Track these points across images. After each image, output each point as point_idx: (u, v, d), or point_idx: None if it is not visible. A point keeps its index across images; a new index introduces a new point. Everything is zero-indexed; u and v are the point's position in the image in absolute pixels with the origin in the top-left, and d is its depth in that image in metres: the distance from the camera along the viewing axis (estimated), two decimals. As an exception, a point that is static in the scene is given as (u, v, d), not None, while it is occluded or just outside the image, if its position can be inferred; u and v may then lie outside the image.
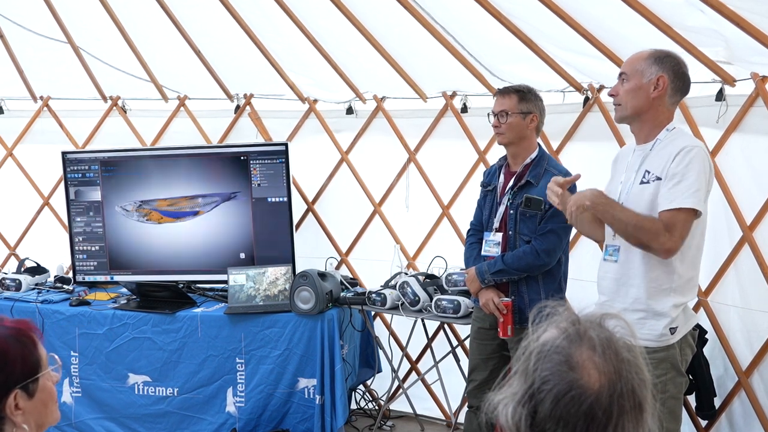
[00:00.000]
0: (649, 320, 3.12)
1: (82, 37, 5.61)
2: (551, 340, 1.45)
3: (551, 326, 1.49)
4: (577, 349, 1.42)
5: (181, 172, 5.45)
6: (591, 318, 1.48)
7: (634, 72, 3.16)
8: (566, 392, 1.39)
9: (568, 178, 3.40)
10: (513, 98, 4.01)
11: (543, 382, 1.41)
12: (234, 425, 4.93)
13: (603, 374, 1.40)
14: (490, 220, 4.12)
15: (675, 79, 3.13)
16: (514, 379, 1.47)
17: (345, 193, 5.70)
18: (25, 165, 6.12)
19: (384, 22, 4.92)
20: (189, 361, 4.99)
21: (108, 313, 5.11)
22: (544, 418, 1.40)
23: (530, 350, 1.46)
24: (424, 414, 5.49)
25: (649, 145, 3.18)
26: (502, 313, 3.96)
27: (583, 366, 1.41)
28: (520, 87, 4.08)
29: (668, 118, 3.18)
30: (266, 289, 5.06)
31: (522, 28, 4.51)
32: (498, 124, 4.03)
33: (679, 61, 3.17)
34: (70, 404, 5.13)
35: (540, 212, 3.85)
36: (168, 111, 5.98)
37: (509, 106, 3.99)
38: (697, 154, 3.03)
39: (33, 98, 6.08)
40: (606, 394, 1.39)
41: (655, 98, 3.12)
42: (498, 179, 4.13)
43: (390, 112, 5.50)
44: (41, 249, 5.92)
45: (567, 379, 1.40)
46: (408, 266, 5.46)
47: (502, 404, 1.45)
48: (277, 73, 5.52)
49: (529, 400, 1.41)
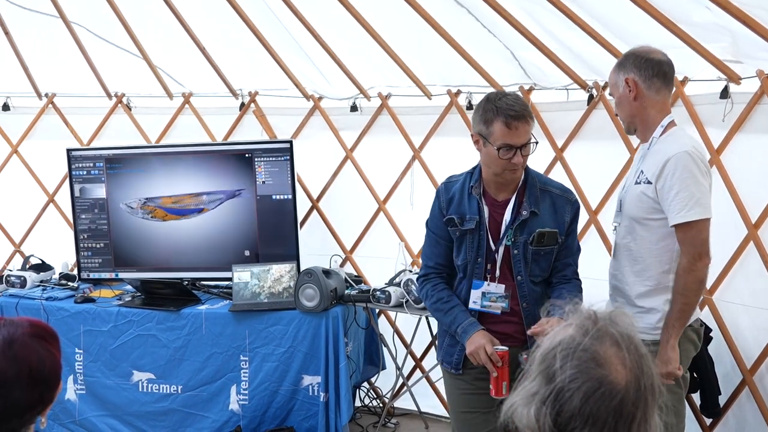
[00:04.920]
0: (643, 315, 3.17)
1: (86, 35, 5.61)
2: (572, 339, 1.45)
3: (565, 326, 1.49)
4: (602, 346, 1.43)
5: (185, 169, 5.45)
6: (603, 315, 1.49)
7: (612, 87, 3.26)
8: (596, 389, 1.40)
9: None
10: (531, 121, 3.16)
11: (571, 380, 1.41)
12: (238, 423, 4.93)
13: (629, 370, 1.42)
14: (476, 266, 3.27)
15: (641, 71, 3.14)
16: (528, 380, 1.47)
17: (350, 191, 5.70)
18: (30, 162, 6.12)
19: (388, 18, 4.91)
20: (193, 359, 4.99)
21: (113, 311, 5.12)
22: (571, 416, 1.40)
23: (548, 350, 1.46)
24: (428, 411, 5.48)
25: (647, 144, 3.22)
26: (496, 366, 3.12)
27: (610, 362, 1.42)
28: (524, 102, 3.21)
29: (660, 110, 3.19)
30: (271, 287, 5.05)
31: (527, 25, 4.50)
32: (522, 160, 3.15)
33: (638, 54, 3.20)
34: (74, 401, 5.14)
35: (557, 246, 3.26)
36: (173, 108, 5.98)
37: (529, 133, 3.16)
38: (680, 160, 3.03)
39: (38, 95, 6.09)
40: (633, 389, 1.41)
41: (635, 99, 3.16)
42: (479, 213, 3.25)
43: (395, 110, 5.49)
44: (46, 246, 5.93)
45: (596, 375, 1.41)
46: (412, 264, 5.44)
47: (522, 406, 1.45)
48: (282, 70, 5.51)
49: (554, 399, 1.41)
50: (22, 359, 1.77)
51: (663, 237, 3.13)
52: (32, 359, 1.78)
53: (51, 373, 1.82)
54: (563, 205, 3.29)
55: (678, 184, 3.01)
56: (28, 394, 1.77)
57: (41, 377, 1.78)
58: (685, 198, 3.01)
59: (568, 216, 3.29)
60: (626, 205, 3.24)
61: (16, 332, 1.80)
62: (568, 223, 3.29)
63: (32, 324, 1.86)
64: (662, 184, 3.05)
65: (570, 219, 3.30)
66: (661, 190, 3.06)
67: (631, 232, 3.22)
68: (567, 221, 3.28)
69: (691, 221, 3.02)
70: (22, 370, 1.76)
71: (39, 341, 1.82)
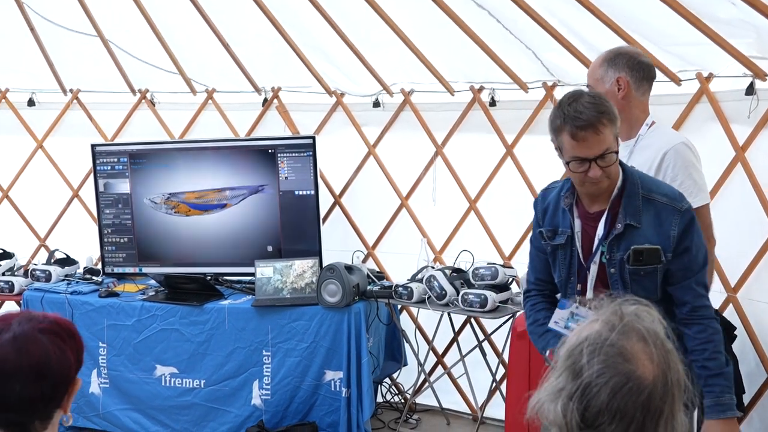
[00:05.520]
0: None
1: (111, 31, 5.65)
2: (598, 334, 1.45)
3: (591, 321, 1.49)
4: (628, 342, 1.43)
5: (208, 164, 5.48)
6: (629, 311, 1.49)
7: (596, 82, 3.28)
8: (624, 384, 1.40)
9: None
10: (609, 125, 2.70)
11: (598, 375, 1.41)
12: (260, 418, 4.95)
13: (656, 365, 1.42)
14: (569, 285, 2.97)
15: (633, 72, 3.23)
16: (554, 376, 1.47)
17: (372, 187, 5.70)
18: (55, 157, 6.17)
19: (411, 14, 4.91)
20: (216, 353, 5.02)
21: (136, 305, 5.15)
22: (598, 411, 1.40)
23: (575, 346, 1.46)
24: (450, 408, 5.48)
25: (632, 141, 3.27)
26: None
27: (637, 357, 1.42)
28: (602, 104, 2.71)
29: (643, 110, 3.29)
30: (293, 282, 5.07)
31: (549, 20, 4.48)
32: (602, 172, 2.72)
33: (631, 54, 3.30)
34: (98, 395, 5.18)
35: (661, 264, 2.79)
36: (196, 104, 6.00)
37: (609, 141, 2.70)
38: (679, 151, 3.15)
39: (63, 91, 6.13)
40: (660, 384, 1.41)
41: (623, 98, 3.21)
42: (570, 224, 2.91)
43: (417, 106, 5.48)
44: (71, 241, 5.96)
45: (623, 371, 1.41)
46: (435, 260, 5.45)
47: (548, 401, 1.45)
48: (305, 66, 5.52)
49: (581, 395, 1.41)
50: (24, 352, 1.75)
51: None
52: (35, 354, 1.76)
53: (57, 370, 1.79)
54: (669, 216, 2.77)
55: (681, 173, 3.12)
56: (27, 388, 1.75)
57: (43, 373, 1.76)
58: (689, 186, 3.10)
59: (675, 229, 2.77)
60: None
61: (27, 326, 1.80)
62: (677, 238, 2.77)
63: (50, 320, 1.84)
64: (663, 175, 3.13)
65: (679, 233, 2.76)
66: (665, 176, 3.13)
67: None
68: (674, 236, 2.76)
69: (698, 207, 3.07)
70: (23, 364, 1.74)
71: (50, 337, 1.80)
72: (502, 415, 4.87)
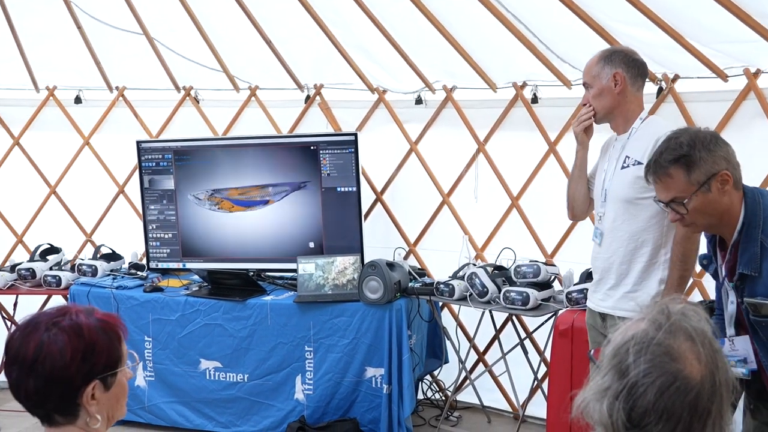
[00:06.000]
0: (638, 295, 3.38)
1: (156, 29, 5.72)
2: (645, 333, 1.44)
3: (637, 320, 1.48)
4: (675, 341, 1.42)
5: (251, 161, 5.52)
6: (676, 309, 1.47)
7: (593, 78, 3.48)
8: (671, 384, 1.38)
9: None
10: (677, 173, 2.57)
11: (644, 374, 1.40)
12: (302, 412, 4.98)
13: (704, 365, 1.41)
14: (718, 320, 2.82)
15: (629, 69, 3.43)
16: (599, 375, 1.46)
17: (414, 184, 5.70)
18: (101, 154, 6.24)
19: (454, 10, 4.90)
20: (259, 348, 5.06)
21: (180, 300, 5.21)
22: (644, 411, 1.39)
23: (621, 345, 1.45)
24: (490, 406, 5.48)
25: (626, 135, 3.46)
26: None
27: (684, 357, 1.41)
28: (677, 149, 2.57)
29: (639, 105, 3.49)
30: (335, 279, 5.09)
31: (594, 16, 4.45)
32: (679, 216, 2.64)
33: (626, 52, 3.50)
34: (143, 388, 5.26)
35: None
36: (239, 101, 6.05)
37: (679, 189, 2.58)
38: None
39: (109, 88, 6.21)
40: (708, 384, 1.40)
41: (619, 93, 3.43)
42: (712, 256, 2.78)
43: (459, 103, 5.47)
44: (116, 236, 6.05)
45: (670, 370, 1.39)
46: (476, 257, 5.44)
47: (594, 401, 1.44)
48: (347, 63, 5.54)
49: (627, 394, 1.40)
50: (23, 343, 1.79)
51: (655, 213, 3.31)
52: (30, 348, 1.78)
53: (52, 370, 1.77)
54: None
55: None
56: (24, 380, 1.79)
57: (40, 370, 1.77)
58: None
59: None
60: (614, 190, 3.44)
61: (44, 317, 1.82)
62: None
63: (104, 313, 1.89)
64: None
65: None
66: None
67: (622, 213, 3.42)
68: None
69: None
70: (19, 354, 1.79)
71: (101, 324, 1.85)
72: (543, 414, 4.85)
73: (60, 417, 1.83)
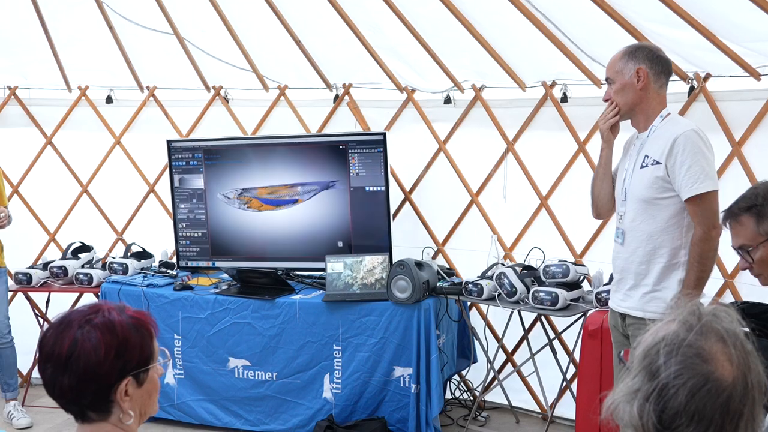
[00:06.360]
0: (657, 295, 3.36)
1: (187, 29, 5.76)
2: (675, 334, 1.43)
3: (668, 321, 1.47)
4: (707, 342, 1.40)
5: (280, 160, 5.55)
6: (707, 310, 1.46)
7: (616, 74, 3.45)
8: (702, 385, 1.37)
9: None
10: (747, 222, 2.57)
11: (675, 376, 1.38)
12: (330, 411, 5.00)
13: (736, 366, 1.39)
14: None
15: (653, 65, 3.40)
16: (629, 377, 1.45)
17: (442, 183, 5.70)
18: (132, 153, 6.29)
19: (483, 9, 4.88)
20: (287, 347, 5.08)
21: (210, 298, 5.25)
22: (675, 413, 1.37)
23: (651, 346, 1.44)
24: (519, 406, 5.46)
25: (646, 133, 3.44)
26: None
27: (716, 358, 1.39)
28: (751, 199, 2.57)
29: (660, 103, 3.44)
30: (363, 278, 5.10)
31: (625, 15, 4.42)
32: (747, 265, 2.62)
33: (650, 48, 3.47)
34: (173, 386, 5.29)
35: None
36: (269, 100, 6.08)
37: (747, 237, 2.58)
38: (689, 137, 3.26)
39: (140, 88, 6.26)
40: (740, 386, 1.38)
41: (641, 89, 3.40)
42: None
43: (488, 102, 5.46)
44: (147, 234, 6.11)
45: (702, 371, 1.38)
46: (505, 257, 5.42)
47: (624, 402, 1.43)
48: (376, 62, 5.55)
49: (657, 396, 1.39)
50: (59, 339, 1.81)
51: (674, 213, 3.33)
52: (64, 345, 1.80)
53: (86, 367, 1.79)
54: None
55: (689, 159, 3.24)
56: (59, 377, 1.81)
57: (75, 367, 1.79)
58: (696, 172, 3.23)
59: None
60: (633, 190, 3.43)
61: (77, 314, 1.84)
62: None
63: (136, 310, 1.90)
64: (673, 161, 3.26)
65: None
66: (672, 168, 3.27)
67: (641, 213, 3.40)
68: None
69: (704, 193, 3.23)
70: (54, 351, 1.80)
71: (133, 320, 1.86)
72: (572, 415, 4.83)
73: (93, 413, 1.85)
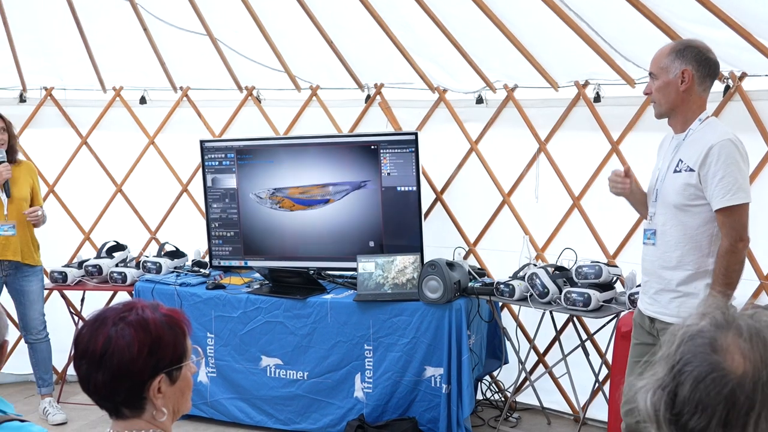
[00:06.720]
0: (685, 300, 3.31)
1: (220, 30, 5.80)
2: (698, 327, 1.42)
3: (698, 315, 1.46)
4: (723, 334, 1.39)
5: (312, 160, 5.56)
6: (744, 310, 1.45)
7: (660, 70, 3.33)
8: (707, 374, 1.35)
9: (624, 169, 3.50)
10: None
11: (685, 363, 1.38)
12: (361, 411, 5.01)
13: (748, 360, 1.37)
14: None
15: (699, 68, 3.28)
16: (657, 365, 1.45)
17: (474, 183, 5.68)
18: (165, 153, 6.34)
19: (515, 8, 4.86)
20: (319, 346, 5.10)
21: (242, 297, 5.28)
22: (682, 402, 1.37)
23: (673, 335, 1.44)
24: (550, 407, 5.44)
25: (683, 135, 3.35)
26: None
27: (727, 350, 1.37)
28: None
29: (701, 106, 3.34)
30: (395, 278, 5.11)
31: (659, 13, 4.38)
32: None
33: (700, 49, 3.31)
34: (205, 384, 5.33)
35: None
36: (300, 101, 6.10)
37: None
38: (724, 147, 3.19)
39: (173, 89, 6.31)
40: (750, 380, 1.35)
41: (684, 91, 3.28)
42: None
43: (520, 102, 5.44)
44: (180, 234, 6.16)
45: (709, 360, 1.36)
46: (537, 258, 5.40)
47: (644, 389, 1.43)
48: (407, 62, 5.54)
49: (670, 383, 1.38)
50: (97, 340, 1.82)
51: (704, 222, 3.28)
52: (99, 342, 1.82)
53: (120, 364, 1.81)
54: None
55: (722, 170, 3.17)
56: (94, 373, 1.83)
57: (109, 364, 1.81)
58: (729, 183, 3.17)
59: None
60: (664, 193, 3.38)
61: (111, 312, 1.86)
62: None
63: (169, 308, 1.92)
64: (706, 170, 3.20)
65: None
66: (705, 176, 3.21)
67: (671, 219, 3.35)
68: None
69: (735, 205, 3.18)
70: (89, 348, 1.83)
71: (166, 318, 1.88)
72: (604, 417, 4.80)
73: (127, 410, 1.87)
